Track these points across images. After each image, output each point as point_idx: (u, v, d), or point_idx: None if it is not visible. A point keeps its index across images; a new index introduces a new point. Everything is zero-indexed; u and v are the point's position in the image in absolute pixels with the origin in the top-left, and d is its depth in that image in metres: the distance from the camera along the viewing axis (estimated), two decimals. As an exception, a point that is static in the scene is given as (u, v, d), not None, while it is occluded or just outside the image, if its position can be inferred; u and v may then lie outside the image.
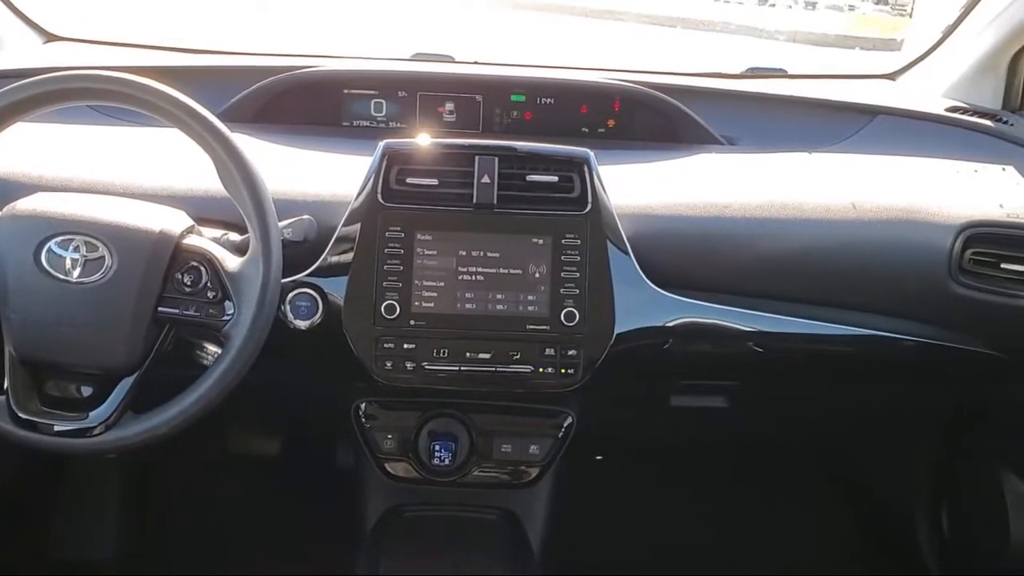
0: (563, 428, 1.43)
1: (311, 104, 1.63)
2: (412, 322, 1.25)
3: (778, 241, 1.34)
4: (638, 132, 1.64)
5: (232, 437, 1.99)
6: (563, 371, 1.26)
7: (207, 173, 1.15)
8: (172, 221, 1.16)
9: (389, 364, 1.25)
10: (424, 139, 1.33)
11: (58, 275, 1.09)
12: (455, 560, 1.47)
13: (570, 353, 1.26)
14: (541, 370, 1.26)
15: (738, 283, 1.34)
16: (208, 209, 1.25)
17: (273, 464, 2.01)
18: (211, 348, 1.24)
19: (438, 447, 1.41)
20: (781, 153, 1.54)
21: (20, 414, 1.10)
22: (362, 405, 1.42)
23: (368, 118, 1.65)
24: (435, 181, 1.28)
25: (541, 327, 1.25)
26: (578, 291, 1.25)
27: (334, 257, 1.25)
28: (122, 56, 1.75)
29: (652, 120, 1.63)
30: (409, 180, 1.28)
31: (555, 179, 1.29)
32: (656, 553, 1.88)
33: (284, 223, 1.18)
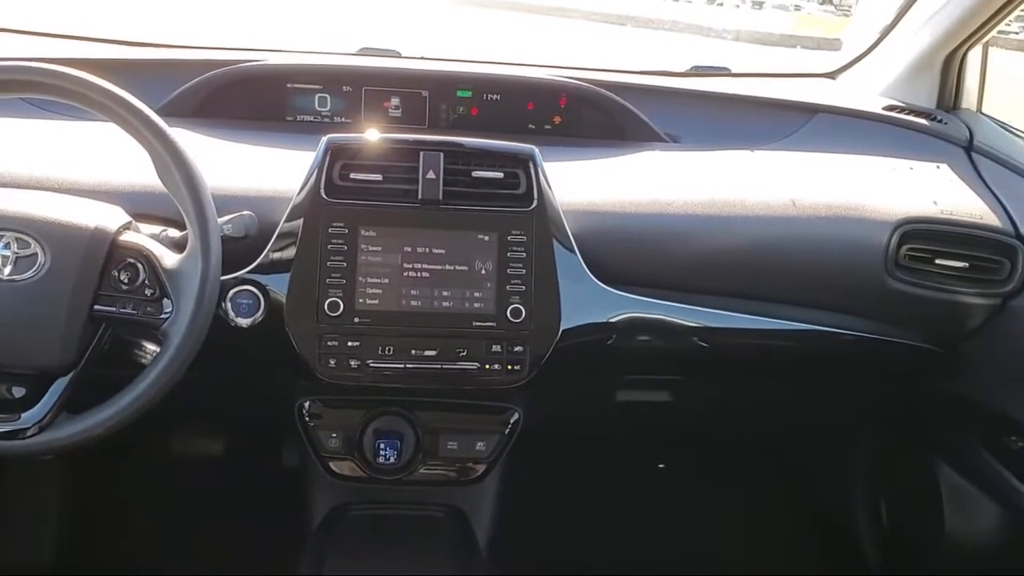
0: (509, 424, 1.43)
1: (254, 98, 1.60)
2: (356, 320, 1.24)
3: (720, 237, 1.36)
4: (584, 129, 1.64)
5: (176, 437, 1.96)
6: (509, 367, 1.26)
7: (144, 168, 1.13)
8: (108, 217, 1.13)
9: (333, 362, 1.24)
10: (369, 134, 1.32)
11: None
12: (401, 558, 1.46)
13: (516, 349, 1.26)
14: (487, 367, 1.26)
15: (682, 279, 1.36)
16: (146, 205, 1.23)
17: (217, 464, 1.98)
18: (149, 347, 1.22)
19: (383, 445, 1.40)
20: (724, 151, 1.56)
21: None
22: (306, 404, 1.41)
23: (312, 113, 1.62)
24: (380, 176, 1.27)
25: (487, 324, 1.25)
26: (524, 287, 1.25)
27: (276, 254, 1.24)
28: (58, 48, 1.70)
29: (598, 117, 1.63)
30: (353, 175, 1.26)
31: (501, 175, 1.29)
32: (603, 547, 1.89)
33: (224, 219, 1.16)
